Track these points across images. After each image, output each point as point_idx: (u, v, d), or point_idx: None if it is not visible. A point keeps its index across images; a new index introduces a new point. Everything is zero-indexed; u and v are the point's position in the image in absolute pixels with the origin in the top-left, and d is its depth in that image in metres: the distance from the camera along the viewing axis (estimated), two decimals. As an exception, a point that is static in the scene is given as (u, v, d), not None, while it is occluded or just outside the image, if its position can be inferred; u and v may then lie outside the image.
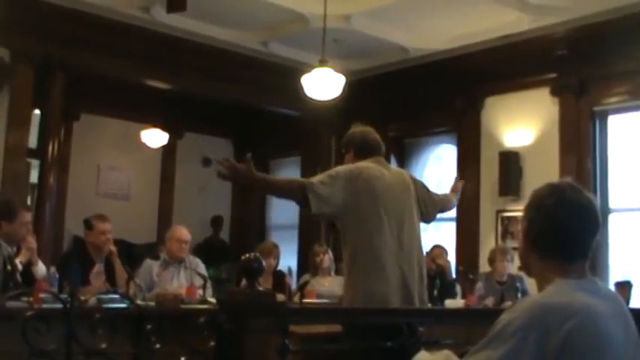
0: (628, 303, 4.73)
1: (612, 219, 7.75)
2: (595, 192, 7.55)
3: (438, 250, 7.50)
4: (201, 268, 6.39)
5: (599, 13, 7.43)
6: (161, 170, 11.26)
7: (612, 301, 2.01)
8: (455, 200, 4.57)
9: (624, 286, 5.33)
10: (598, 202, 2.08)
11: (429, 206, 4.17)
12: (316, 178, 3.77)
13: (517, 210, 7.90)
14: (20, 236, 5.47)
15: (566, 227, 2.00)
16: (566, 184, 2.06)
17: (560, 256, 2.01)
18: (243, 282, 2.65)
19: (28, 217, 5.63)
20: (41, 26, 7.74)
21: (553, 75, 8.16)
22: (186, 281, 6.18)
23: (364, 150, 4.10)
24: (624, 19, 7.38)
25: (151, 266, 6.23)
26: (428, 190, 4.22)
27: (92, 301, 4.56)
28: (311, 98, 7.48)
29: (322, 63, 7.13)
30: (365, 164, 3.98)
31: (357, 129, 4.32)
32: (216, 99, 10.05)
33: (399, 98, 9.49)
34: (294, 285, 7.46)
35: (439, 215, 4.43)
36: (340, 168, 3.95)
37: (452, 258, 8.17)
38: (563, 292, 1.93)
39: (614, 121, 7.97)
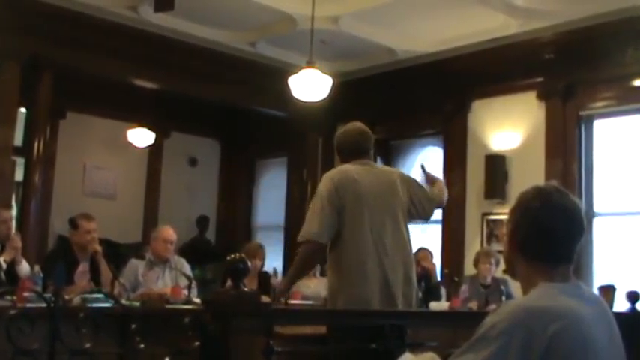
0: (612, 307, 4.74)
1: (597, 223, 7.78)
2: (580, 196, 7.58)
3: (423, 252, 7.51)
4: (187, 268, 6.37)
5: (587, 17, 7.46)
6: (147, 170, 11.21)
7: (596, 305, 2.02)
8: (441, 191, 4.48)
9: (608, 290, 5.33)
10: (583, 206, 2.09)
11: (425, 204, 4.17)
12: (310, 227, 3.90)
13: (502, 213, 7.92)
14: (0, 234, 5.45)
15: (552, 231, 2.00)
16: (552, 187, 2.07)
17: (545, 259, 2.01)
18: (229, 282, 2.65)
19: (6, 214, 5.61)
20: (28, 24, 7.70)
21: (540, 79, 8.19)
22: (172, 281, 6.16)
23: (347, 154, 4.16)
24: (612, 25, 7.42)
25: (136, 266, 6.20)
26: (422, 187, 4.21)
27: (77, 300, 4.55)
28: (298, 99, 7.48)
29: (310, 64, 7.13)
30: (345, 169, 4.05)
31: (341, 131, 4.32)
32: (203, 99, 10.02)
33: (387, 100, 9.50)
34: (279, 286, 7.44)
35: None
36: (322, 192, 3.97)
37: (437, 260, 8.19)
38: (548, 295, 1.93)
39: (600, 126, 8.00)
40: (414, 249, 7.07)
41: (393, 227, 3.94)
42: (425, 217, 4.24)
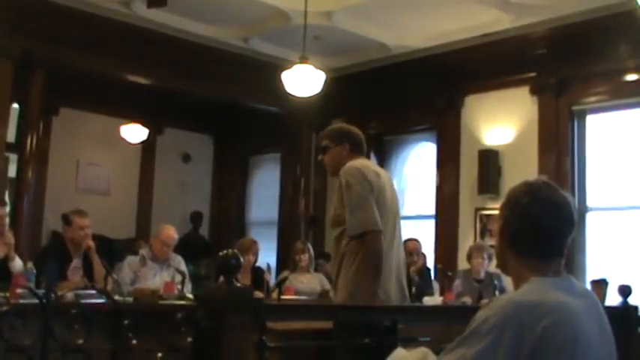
0: (604, 301, 4.76)
1: (590, 217, 7.80)
2: (573, 191, 7.59)
3: (413, 243, 7.44)
4: (183, 265, 6.38)
5: (579, 12, 7.48)
6: (141, 166, 11.20)
7: (587, 299, 2.02)
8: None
9: (600, 284, 5.36)
10: (576, 200, 2.10)
11: None
12: (367, 215, 3.71)
13: (496, 208, 7.87)
14: None
15: (541, 225, 2.00)
16: (542, 182, 2.07)
17: (536, 254, 2.01)
18: (221, 278, 2.64)
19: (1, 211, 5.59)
20: (20, 21, 7.67)
21: (532, 74, 8.20)
22: (169, 278, 6.15)
23: (359, 147, 4.09)
24: (603, 19, 7.43)
25: (133, 262, 6.21)
26: None
27: (70, 296, 4.54)
28: (291, 95, 7.49)
29: (303, 60, 7.13)
30: (366, 163, 4.01)
31: (346, 125, 4.31)
32: (196, 95, 10.02)
33: (380, 95, 9.50)
34: (272, 281, 7.46)
35: (419, 212, 4.43)
36: (359, 181, 3.81)
37: (431, 255, 8.19)
38: (539, 290, 1.94)
39: (593, 121, 8.02)
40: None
41: (399, 223, 4.00)
42: None
